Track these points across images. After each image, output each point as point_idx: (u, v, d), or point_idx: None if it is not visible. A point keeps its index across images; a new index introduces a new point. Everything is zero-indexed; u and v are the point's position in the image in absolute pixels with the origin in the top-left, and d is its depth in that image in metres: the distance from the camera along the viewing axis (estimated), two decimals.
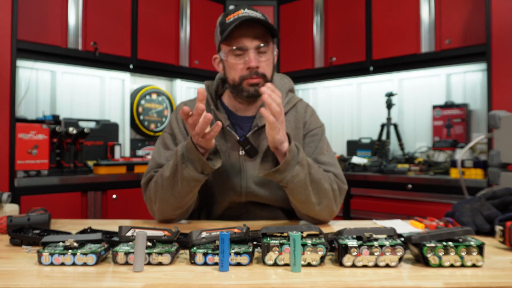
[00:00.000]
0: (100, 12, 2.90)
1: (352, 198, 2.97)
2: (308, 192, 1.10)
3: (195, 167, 1.07)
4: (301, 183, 1.08)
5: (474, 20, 2.68)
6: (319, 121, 1.34)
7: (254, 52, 1.16)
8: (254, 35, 1.16)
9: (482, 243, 0.75)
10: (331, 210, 1.17)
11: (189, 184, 1.09)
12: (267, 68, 1.20)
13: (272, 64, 1.23)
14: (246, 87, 1.20)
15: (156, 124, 3.53)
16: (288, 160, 1.04)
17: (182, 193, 1.11)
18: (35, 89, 2.91)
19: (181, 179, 1.08)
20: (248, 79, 1.18)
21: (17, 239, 0.89)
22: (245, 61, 1.17)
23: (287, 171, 1.05)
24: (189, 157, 1.06)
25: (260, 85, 1.18)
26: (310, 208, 1.13)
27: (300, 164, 1.07)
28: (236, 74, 1.20)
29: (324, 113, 3.83)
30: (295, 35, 3.70)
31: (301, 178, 1.07)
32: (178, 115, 1.31)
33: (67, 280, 0.68)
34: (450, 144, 2.92)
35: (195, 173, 1.07)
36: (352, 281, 0.68)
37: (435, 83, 3.21)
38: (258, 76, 1.18)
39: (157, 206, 1.16)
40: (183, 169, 1.07)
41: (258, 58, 1.17)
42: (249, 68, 1.17)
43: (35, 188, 2.32)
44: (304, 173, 1.08)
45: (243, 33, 1.16)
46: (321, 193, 1.13)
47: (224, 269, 0.72)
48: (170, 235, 0.81)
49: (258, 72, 1.18)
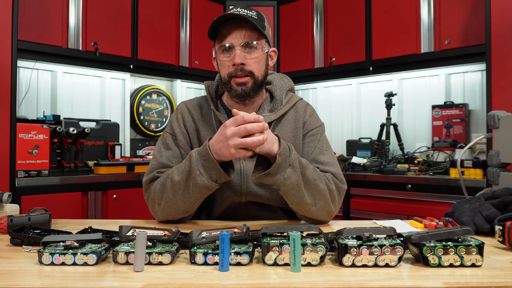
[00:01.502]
0: (100, 12, 2.90)
1: (352, 198, 2.97)
2: (302, 193, 1.09)
3: (210, 175, 1.05)
4: (294, 185, 1.07)
5: (474, 20, 2.68)
6: (318, 120, 1.34)
7: (240, 50, 1.17)
8: (240, 33, 1.17)
9: (482, 242, 0.75)
10: (329, 211, 1.17)
11: (200, 191, 1.08)
12: (255, 65, 1.20)
13: (262, 62, 1.23)
14: (234, 86, 1.20)
15: (156, 124, 3.53)
16: (279, 163, 1.03)
17: (192, 199, 1.10)
18: (36, 89, 2.91)
19: (193, 186, 1.07)
20: (235, 77, 1.19)
21: (18, 239, 0.89)
22: (232, 58, 1.18)
23: (278, 173, 1.04)
24: (205, 164, 1.05)
25: (248, 85, 1.19)
26: (306, 209, 1.13)
27: (292, 166, 1.06)
28: (225, 71, 1.21)
29: (324, 113, 3.83)
30: (295, 35, 3.70)
31: (293, 181, 1.07)
32: (179, 115, 1.31)
33: (67, 279, 0.68)
34: (449, 144, 2.93)
35: (209, 181, 1.05)
36: (352, 281, 0.68)
37: (434, 83, 3.21)
38: (245, 74, 1.19)
39: (161, 208, 1.16)
40: (197, 176, 1.05)
41: (244, 55, 1.18)
42: (234, 65, 1.18)
43: (36, 188, 2.32)
44: (296, 175, 1.07)
45: (230, 31, 1.18)
46: (316, 194, 1.12)
47: (224, 269, 0.72)
48: (170, 235, 0.81)
49: (244, 69, 1.18)
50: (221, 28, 1.19)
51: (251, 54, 1.19)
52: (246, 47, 1.18)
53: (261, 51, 1.21)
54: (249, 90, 1.20)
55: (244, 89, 1.19)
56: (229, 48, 1.19)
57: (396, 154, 3.22)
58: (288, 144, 1.09)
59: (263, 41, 1.21)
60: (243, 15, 1.15)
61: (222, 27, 1.19)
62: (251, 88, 1.20)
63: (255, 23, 1.16)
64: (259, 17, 1.20)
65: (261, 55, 1.22)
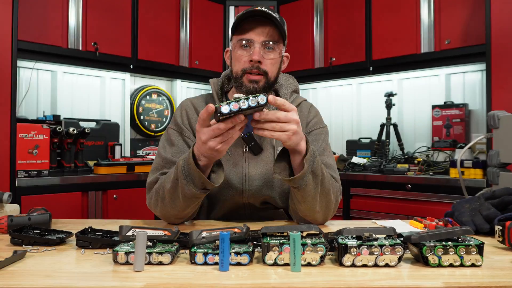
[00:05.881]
0: (100, 12, 2.91)
1: (352, 198, 2.97)
2: (315, 201, 1.09)
3: (196, 185, 1.04)
4: (311, 192, 1.07)
5: (474, 21, 2.68)
6: (322, 122, 1.35)
7: (260, 47, 1.17)
8: (263, 31, 1.17)
9: (482, 242, 0.75)
10: (325, 218, 1.18)
11: (190, 199, 1.07)
12: (270, 66, 1.20)
13: (277, 64, 1.23)
14: (246, 82, 1.19)
15: (157, 124, 3.53)
16: (306, 170, 1.02)
17: (184, 207, 1.10)
18: (36, 89, 2.91)
19: (182, 195, 1.07)
20: (249, 73, 1.18)
21: (18, 239, 0.89)
22: (250, 54, 1.18)
23: (302, 180, 1.04)
24: (190, 173, 1.03)
25: (260, 83, 1.18)
26: (309, 213, 1.13)
27: (314, 173, 1.05)
28: (240, 66, 1.20)
29: (324, 113, 3.80)
30: (295, 35, 3.70)
31: (311, 188, 1.06)
32: (183, 111, 1.31)
33: (67, 279, 0.68)
34: (449, 144, 2.93)
35: (196, 190, 1.04)
36: (352, 281, 0.68)
37: (434, 83, 3.21)
38: (260, 72, 1.18)
39: (159, 213, 1.18)
40: (184, 185, 1.04)
41: (263, 54, 1.18)
42: (251, 61, 1.17)
43: (36, 188, 2.32)
44: (315, 183, 1.06)
45: (253, 27, 1.17)
46: (324, 202, 1.13)
47: (224, 268, 0.72)
48: (170, 235, 0.81)
49: (260, 67, 1.18)
50: (244, 23, 1.18)
51: (269, 55, 1.19)
52: (265, 47, 1.18)
53: (278, 54, 1.21)
54: (260, 89, 1.19)
55: (256, 87, 1.18)
56: (248, 44, 1.18)
57: (396, 154, 3.22)
58: (313, 148, 1.07)
59: (281, 44, 1.21)
60: (269, 14, 1.15)
61: (245, 22, 1.18)
62: (262, 88, 1.19)
63: (279, 24, 1.16)
64: (282, 21, 1.20)
65: (278, 58, 1.21)
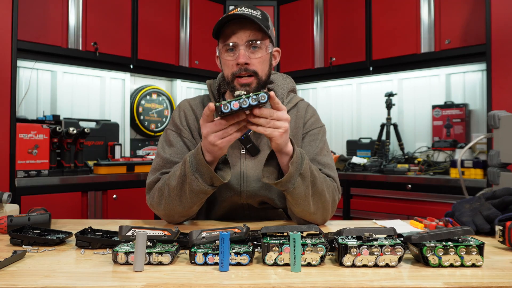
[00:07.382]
0: (100, 12, 2.90)
1: (352, 198, 2.97)
2: (308, 203, 1.09)
3: (205, 180, 1.05)
4: (301, 195, 1.07)
5: (474, 20, 2.68)
6: (320, 122, 1.34)
7: (244, 48, 1.16)
8: (244, 33, 1.16)
9: (482, 243, 0.75)
10: (324, 219, 1.18)
11: (198, 196, 1.08)
12: (259, 65, 1.19)
13: (266, 62, 1.22)
14: (237, 86, 1.19)
15: (156, 124, 3.53)
16: (292, 172, 1.03)
17: (190, 204, 1.10)
18: (36, 89, 2.91)
19: (190, 191, 1.07)
20: (238, 77, 1.18)
21: (18, 239, 0.89)
22: (236, 57, 1.17)
23: (289, 182, 1.04)
24: (199, 168, 1.04)
25: (252, 86, 1.18)
26: (305, 214, 1.13)
27: (302, 176, 1.05)
28: (229, 70, 1.19)
29: (324, 113, 3.83)
30: (295, 35, 3.70)
31: (301, 191, 1.06)
32: (181, 112, 1.31)
33: (67, 280, 0.68)
34: (449, 144, 2.93)
35: (204, 186, 1.05)
36: (352, 281, 0.68)
37: (434, 83, 3.21)
38: (249, 74, 1.17)
39: (161, 212, 1.17)
40: (192, 181, 1.05)
41: (248, 55, 1.17)
42: (238, 65, 1.17)
43: (36, 188, 2.32)
44: (305, 185, 1.06)
45: (234, 30, 1.16)
46: (320, 204, 1.12)
47: (224, 269, 0.72)
48: (170, 235, 0.81)
49: (248, 68, 1.17)
50: (225, 28, 1.18)
51: (255, 54, 1.18)
52: (250, 47, 1.17)
53: (265, 51, 1.20)
54: (252, 91, 1.18)
55: (248, 90, 1.18)
56: (233, 47, 1.17)
57: (396, 154, 3.22)
58: (301, 151, 1.07)
59: (267, 41, 1.21)
60: (247, 15, 1.14)
61: (226, 26, 1.18)
62: (254, 89, 1.19)
63: (259, 23, 1.15)
64: (264, 17, 1.20)
65: (265, 55, 1.21)
